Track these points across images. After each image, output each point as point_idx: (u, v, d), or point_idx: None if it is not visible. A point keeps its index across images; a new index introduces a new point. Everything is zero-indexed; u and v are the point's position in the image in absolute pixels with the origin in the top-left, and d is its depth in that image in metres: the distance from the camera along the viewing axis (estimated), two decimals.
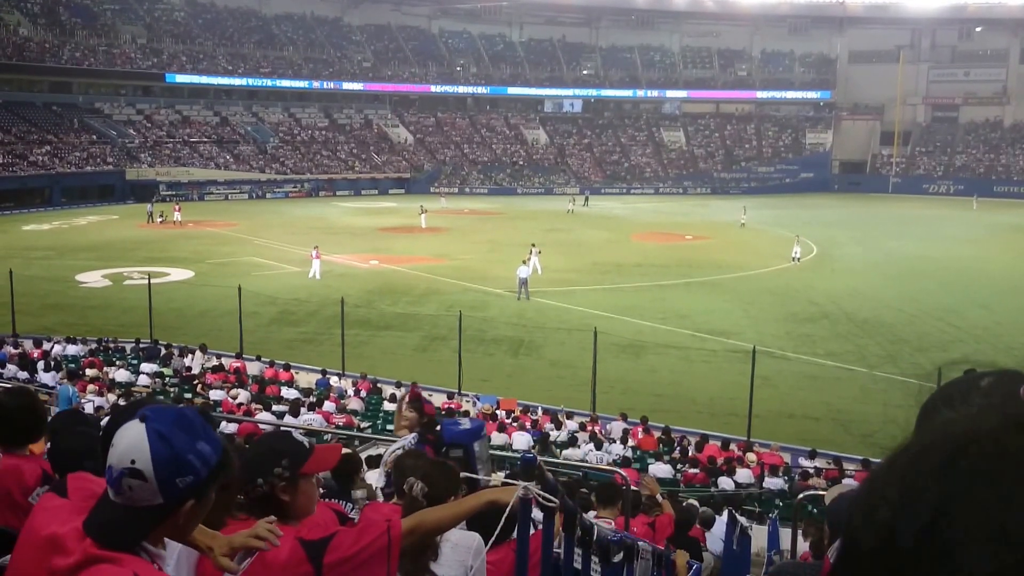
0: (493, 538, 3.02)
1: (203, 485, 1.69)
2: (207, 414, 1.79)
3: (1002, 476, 0.47)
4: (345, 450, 6.86)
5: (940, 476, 0.50)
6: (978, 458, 0.49)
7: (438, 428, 4.76)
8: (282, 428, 9.21)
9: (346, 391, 18.23)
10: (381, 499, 4.55)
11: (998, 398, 0.90)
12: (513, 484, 2.83)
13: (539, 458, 3.16)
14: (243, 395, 16.30)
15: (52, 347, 20.08)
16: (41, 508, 1.84)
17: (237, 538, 2.26)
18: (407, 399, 5.34)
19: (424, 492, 3.18)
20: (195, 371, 19.02)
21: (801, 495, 9.16)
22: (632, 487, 7.84)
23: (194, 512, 1.73)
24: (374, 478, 7.67)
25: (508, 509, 2.72)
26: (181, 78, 72.27)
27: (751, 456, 15.05)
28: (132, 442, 1.65)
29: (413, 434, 4.86)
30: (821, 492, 9.26)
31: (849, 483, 11.74)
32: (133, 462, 1.63)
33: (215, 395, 16.14)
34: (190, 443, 1.66)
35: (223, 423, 12.72)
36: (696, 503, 10.79)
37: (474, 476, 3.94)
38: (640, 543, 5.27)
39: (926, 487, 0.50)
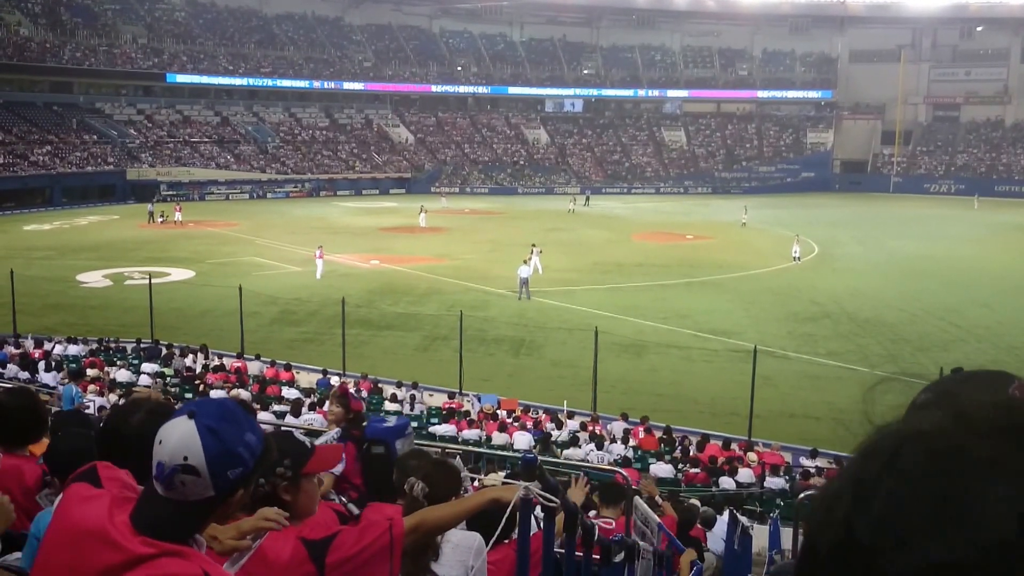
0: (495, 538, 3.02)
1: (251, 474, 1.72)
2: (246, 404, 1.82)
3: (941, 470, 0.50)
4: None
5: (887, 472, 0.53)
6: (919, 454, 0.53)
7: (364, 424, 4.76)
8: (283, 428, 9.21)
9: None
10: None
11: (935, 397, 0.95)
12: (514, 484, 2.83)
13: (540, 458, 3.16)
14: (244, 395, 16.30)
15: (53, 347, 20.09)
16: (76, 499, 1.79)
17: (245, 523, 2.27)
18: (335, 394, 5.34)
19: (425, 492, 3.17)
20: (197, 370, 19.05)
21: (802, 495, 9.16)
22: (634, 487, 7.84)
23: (241, 500, 1.76)
24: None
25: (509, 508, 2.72)
26: (182, 78, 72.30)
27: (752, 456, 15.04)
28: (182, 439, 1.66)
29: (337, 429, 4.85)
30: None
31: None
32: (186, 458, 1.64)
33: (216, 395, 16.14)
34: (239, 435, 1.69)
35: None
36: (697, 503, 10.78)
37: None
38: (641, 543, 5.27)
39: (876, 484, 0.54)
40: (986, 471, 0.49)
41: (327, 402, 5.67)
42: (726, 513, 8.56)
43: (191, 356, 20.22)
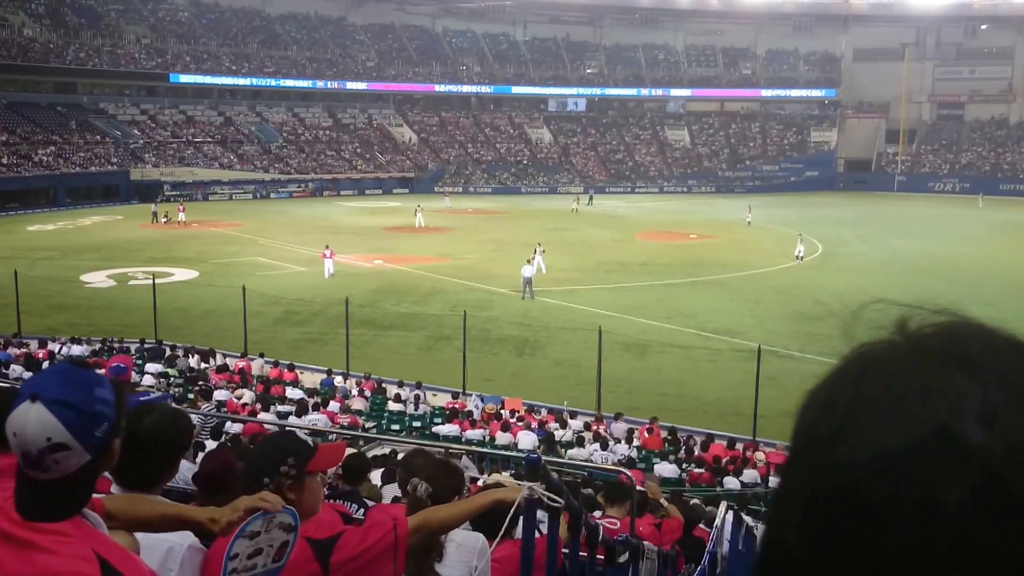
0: (498, 538, 3.01)
1: (117, 423, 1.68)
2: (79, 361, 1.79)
3: (891, 390, 0.63)
4: (352, 450, 6.86)
5: (849, 390, 0.66)
6: (877, 377, 0.65)
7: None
8: (286, 428, 9.20)
9: (350, 391, 18.24)
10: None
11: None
12: (519, 484, 2.83)
13: (544, 458, 3.15)
14: (248, 395, 16.31)
15: (60, 348, 20.10)
16: None
17: (241, 501, 2.24)
18: None
19: (428, 492, 3.17)
20: (215, 363, 19.26)
21: None
22: (638, 487, 7.82)
23: (119, 448, 1.73)
24: (378, 478, 7.67)
25: (513, 508, 2.71)
26: (185, 78, 72.39)
27: (760, 455, 14.99)
28: (37, 423, 1.60)
29: None
30: None
31: None
32: (49, 439, 1.59)
33: (220, 395, 16.15)
34: (89, 395, 1.64)
35: (228, 423, 12.71)
36: (701, 503, 10.76)
37: None
38: (645, 544, 5.25)
39: (841, 391, 0.67)
40: (924, 391, 0.61)
41: None
42: (728, 510, 8.52)
43: (196, 356, 20.23)
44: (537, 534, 3.11)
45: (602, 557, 3.97)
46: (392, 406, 17.10)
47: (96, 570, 1.57)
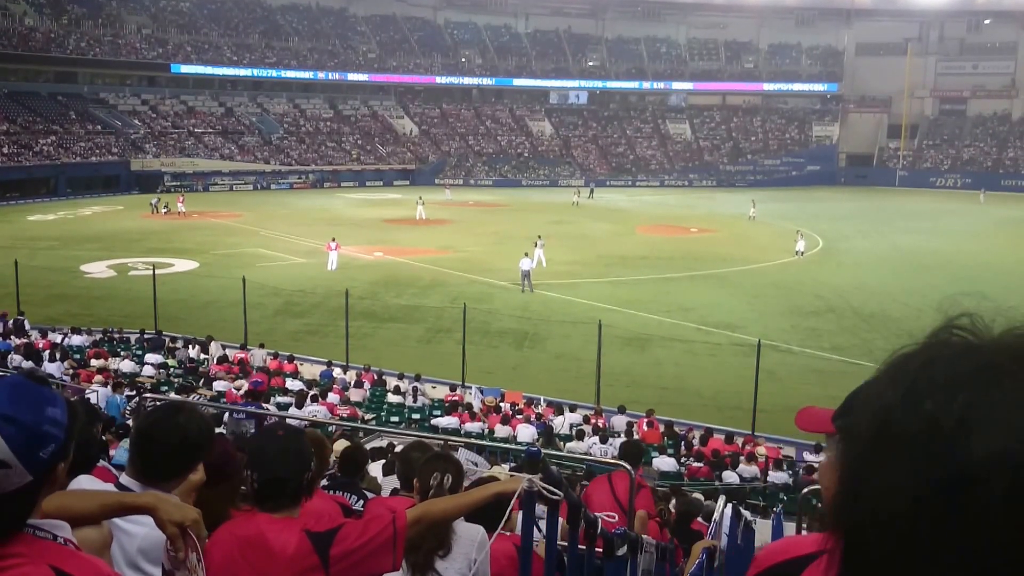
0: (498, 530, 3.02)
1: (66, 446, 1.58)
2: (35, 376, 1.62)
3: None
4: (346, 442, 6.88)
5: (975, 375, 0.64)
6: (1005, 367, 0.64)
7: None
8: (286, 422, 9.20)
9: (350, 383, 18.25)
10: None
11: None
12: (518, 476, 2.83)
13: (543, 451, 3.16)
14: (247, 386, 16.31)
15: (63, 340, 20.10)
16: None
17: (181, 511, 2.13)
18: None
19: (450, 483, 3.23)
20: (216, 356, 19.25)
21: (806, 489, 9.15)
22: (637, 483, 7.83)
23: (64, 472, 1.63)
24: (377, 470, 7.68)
25: (513, 501, 2.72)
26: (186, 68, 72.26)
27: (761, 450, 15.01)
28: None
29: None
30: None
31: None
32: None
33: (220, 386, 16.17)
34: (39, 413, 1.54)
35: (228, 414, 12.73)
36: (701, 496, 10.78)
37: None
38: (644, 537, 5.27)
39: (962, 382, 0.64)
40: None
41: None
42: (726, 504, 8.53)
43: (197, 347, 20.25)
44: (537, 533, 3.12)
45: (600, 550, 3.98)
46: (391, 398, 17.13)
47: None
